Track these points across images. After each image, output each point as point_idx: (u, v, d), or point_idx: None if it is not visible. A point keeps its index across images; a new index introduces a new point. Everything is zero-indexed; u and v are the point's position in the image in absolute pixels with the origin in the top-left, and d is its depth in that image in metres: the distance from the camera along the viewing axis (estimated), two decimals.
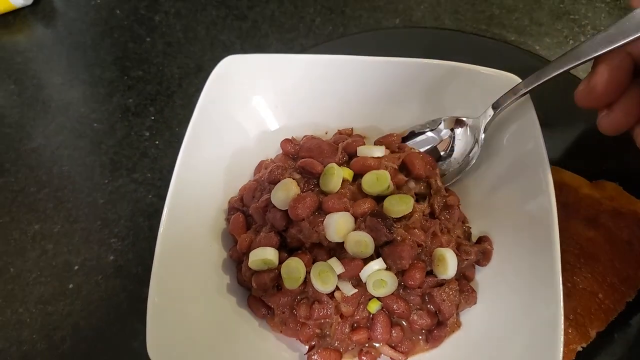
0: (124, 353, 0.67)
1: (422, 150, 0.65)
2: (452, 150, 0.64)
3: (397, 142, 0.65)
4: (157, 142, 0.83)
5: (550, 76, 0.52)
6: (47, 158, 0.82)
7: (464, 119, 0.63)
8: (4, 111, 0.86)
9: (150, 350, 0.51)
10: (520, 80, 0.58)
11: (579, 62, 0.49)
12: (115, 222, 0.76)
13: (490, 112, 0.59)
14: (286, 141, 0.66)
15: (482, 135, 0.60)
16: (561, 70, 0.51)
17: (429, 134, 0.65)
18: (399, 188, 0.59)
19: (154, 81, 0.88)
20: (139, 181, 0.79)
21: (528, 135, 0.58)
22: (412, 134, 0.66)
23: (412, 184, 0.60)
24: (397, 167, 0.60)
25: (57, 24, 0.96)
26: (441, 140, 0.65)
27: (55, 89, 0.88)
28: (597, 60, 0.47)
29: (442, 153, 0.65)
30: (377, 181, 0.57)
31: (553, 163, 0.56)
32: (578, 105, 0.49)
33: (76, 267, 0.73)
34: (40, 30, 0.95)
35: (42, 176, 0.80)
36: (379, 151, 0.61)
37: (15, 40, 0.94)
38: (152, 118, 0.85)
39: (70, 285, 0.72)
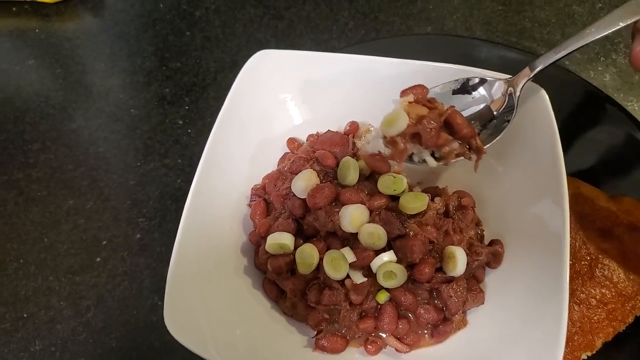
0: (142, 326, 0.70)
1: (468, 111, 0.62)
2: (504, 121, 0.61)
3: (426, 95, 0.59)
4: (189, 131, 0.87)
5: (587, 41, 0.54)
6: (85, 139, 0.87)
7: (494, 77, 0.62)
8: (50, 93, 0.92)
9: (168, 320, 0.54)
10: (544, 92, 0.60)
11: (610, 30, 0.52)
12: (144, 202, 0.80)
13: (527, 71, 0.59)
14: (291, 140, 0.69)
15: (518, 94, 0.59)
16: (597, 37, 0.54)
17: (480, 91, 0.63)
18: (441, 147, 0.57)
19: (191, 73, 0.93)
20: (170, 166, 0.83)
21: (546, 144, 0.59)
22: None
23: (455, 145, 0.58)
24: (441, 125, 0.57)
25: (104, 14, 1.02)
26: (493, 100, 0.62)
27: (98, 75, 0.94)
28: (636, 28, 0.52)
29: (495, 113, 0.62)
30: (392, 184, 0.58)
31: (571, 174, 0.57)
32: (636, 69, 0.52)
33: (104, 242, 0.77)
34: (88, 19, 1.01)
35: (79, 155, 0.85)
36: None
37: (65, 28, 1.00)
38: (186, 108, 0.89)
39: (98, 259, 0.76)
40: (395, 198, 0.59)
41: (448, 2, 0.94)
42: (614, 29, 0.53)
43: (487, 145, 0.60)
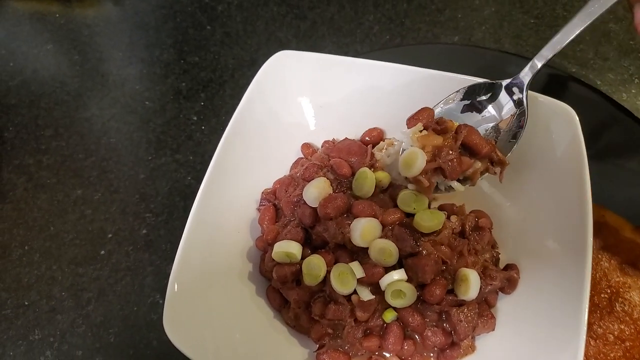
0: (142, 324, 0.69)
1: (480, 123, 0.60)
2: (518, 126, 0.59)
3: (433, 118, 0.58)
4: (203, 127, 0.85)
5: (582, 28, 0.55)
6: (98, 128, 0.85)
7: (496, 81, 0.60)
8: (66, 79, 0.91)
9: (166, 324, 0.52)
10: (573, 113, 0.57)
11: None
12: (153, 197, 0.79)
13: (528, 70, 0.58)
14: (306, 145, 0.67)
15: (526, 96, 0.58)
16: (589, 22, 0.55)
17: (489, 110, 0.61)
18: (463, 172, 0.56)
19: (209, 68, 0.91)
20: (181, 162, 0.82)
21: (573, 168, 0.57)
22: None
23: (477, 165, 0.56)
24: (459, 150, 0.55)
25: (124, 2, 1.01)
26: (501, 120, 0.60)
27: (115, 64, 0.93)
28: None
29: (501, 131, 0.60)
30: (413, 202, 0.56)
31: (596, 201, 0.54)
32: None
33: (110, 235, 0.76)
34: (109, 7, 1.00)
35: (90, 145, 0.84)
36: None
37: (84, 14, 0.99)
38: (202, 104, 0.87)
39: (102, 252, 0.75)
40: (410, 214, 0.57)
41: (477, 12, 0.91)
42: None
43: (508, 155, 0.58)
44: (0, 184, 0.81)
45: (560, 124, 0.59)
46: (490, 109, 0.61)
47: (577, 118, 0.57)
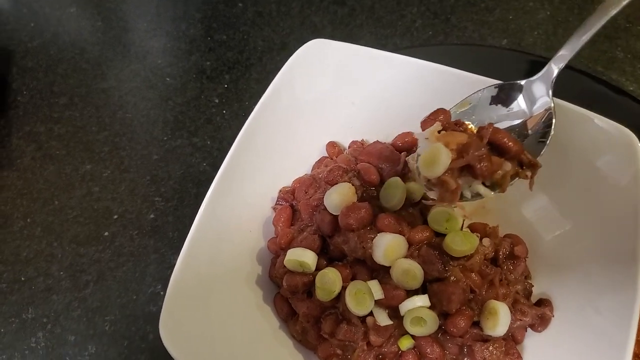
0: (139, 314, 0.65)
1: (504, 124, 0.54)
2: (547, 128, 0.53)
3: (450, 119, 0.52)
4: (224, 111, 0.80)
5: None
6: (114, 101, 0.81)
7: (517, 82, 0.56)
8: (86, 46, 0.86)
9: (163, 329, 0.48)
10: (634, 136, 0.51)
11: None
12: (164, 181, 0.74)
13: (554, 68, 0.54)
14: (331, 144, 0.62)
15: (551, 94, 0.54)
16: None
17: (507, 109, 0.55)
18: (494, 173, 0.47)
19: (236, 49, 0.86)
20: (197, 146, 0.77)
21: (628, 201, 0.51)
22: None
23: (507, 166, 0.48)
24: (487, 150, 0.47)
25: None
26: (530, 117, 0.54)
27: (138, 35, 0.88)
28: None
29: (529, 131, 0.54)
30: (445, 222, 0.51)
31: None
32: None
33: (115, 217, 0.72)
34: None
35: (105, 118, 0.80)
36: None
37: None
38: (225, 86, 0.82)
39: (106, 233, 0.71)
40: (440, 233, 0.52)
41: (530, 15, 0.84)
42: None
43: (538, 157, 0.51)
44: (8, 150, 0.77)
45: (619, 148, 0.53)
46: (517, 105, 0.55)
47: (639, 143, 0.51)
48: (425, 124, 0.51)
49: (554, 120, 0.53)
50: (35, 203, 0.73)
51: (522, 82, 0.56)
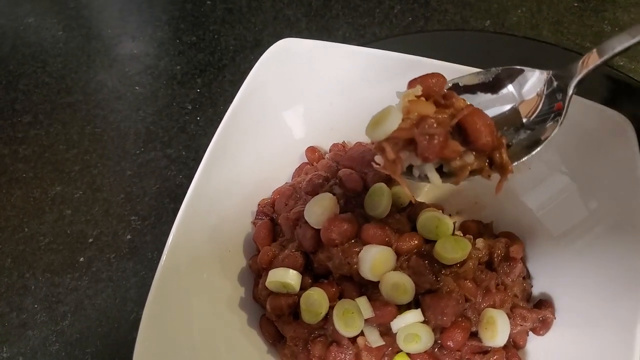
0: (122, 342, 0.62)
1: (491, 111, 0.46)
2: (544, 115, 0.46)
3: (441, 88, 0.44)
4: (198, 118, 0.76)
5: None
6: (82, 116, 0.77)
7: (534, 71, 0.47)
8: (48, 59, 0.82)
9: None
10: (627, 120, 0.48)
11: None
12: (139, 198, 0.70)
13: (594, 57, 0.44)
14: (311, 149, 0.58)
15: (571, 93, 0.44)
16: None
17: (506, 89, 0.48)
18: (450, 160, 0.41)
19: (207, 50, 0.81)
20: (172, 158, 0.73)
21: (627, 191, 0.48)
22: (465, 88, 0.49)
23: (469, 158, 0.41)
24: (450, 130, 0.41)
25: None
26: (523, 101, 0.47)
27: (103, 42, 0.83)
28: None
29: (524, 120, 0.47)
30: (436, 228, 0.48)
31: None
32: None
33: (90, 240, 0.68)
34: None
35: (73, 135, 0.75)
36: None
37: None
38: (198, 90, 0.78)
39: (81, 259, 0.67)
40: (430, 239, 0.48)
41: None
42: None
43: (516, 163, 0.43)
44: None
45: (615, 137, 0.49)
46: (510, 88, 0.48)
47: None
48: (410, 84, 0.44)
49: (561, 120, 0.45)
50: (3, 232, 0.69)
51: (546, 73, 0.48)
